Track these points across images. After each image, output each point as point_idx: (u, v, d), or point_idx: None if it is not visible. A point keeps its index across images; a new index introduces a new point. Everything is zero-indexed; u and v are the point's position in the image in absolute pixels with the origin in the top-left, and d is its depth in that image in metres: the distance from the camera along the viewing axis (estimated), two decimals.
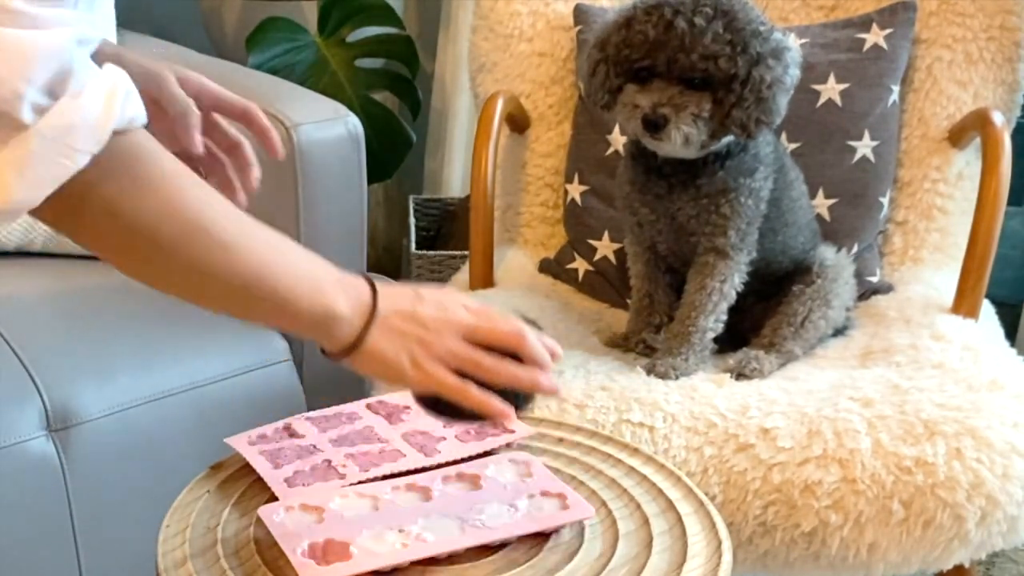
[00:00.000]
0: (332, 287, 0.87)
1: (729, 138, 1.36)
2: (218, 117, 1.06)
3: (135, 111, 0.77)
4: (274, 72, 2.12)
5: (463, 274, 1.70)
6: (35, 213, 0.76)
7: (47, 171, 0.72)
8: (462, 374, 0.90)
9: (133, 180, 0.77)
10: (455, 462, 1.04)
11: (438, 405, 0.92)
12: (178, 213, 0.79)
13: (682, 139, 1.31)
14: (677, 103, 1.30)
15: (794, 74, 1.34)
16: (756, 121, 1.31)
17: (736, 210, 1.38)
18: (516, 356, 0.91)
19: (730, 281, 1.41)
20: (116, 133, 0.75)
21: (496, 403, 0.90)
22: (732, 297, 1.42)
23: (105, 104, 0.73)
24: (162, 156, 0.79)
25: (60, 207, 0.75)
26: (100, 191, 0.76)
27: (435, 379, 0.89)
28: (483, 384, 0.90)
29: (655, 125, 1.30)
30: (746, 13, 1.31)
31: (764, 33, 1.31)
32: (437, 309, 0.90)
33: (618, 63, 1.35)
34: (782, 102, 1.32)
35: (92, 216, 0.77)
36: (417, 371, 0.89)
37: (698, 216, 1.39)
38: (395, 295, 0.90)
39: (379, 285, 0.90)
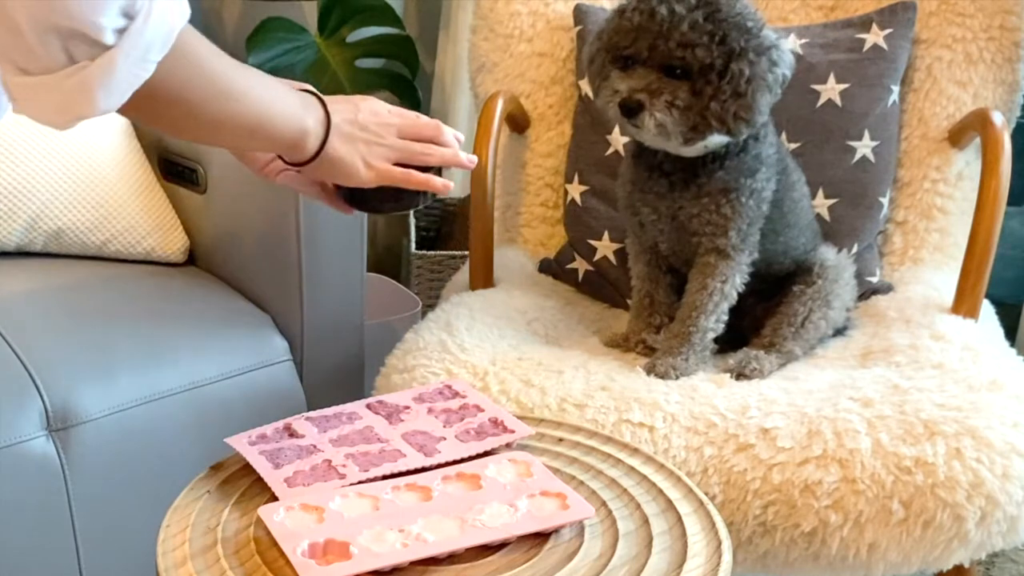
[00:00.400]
0: (303, 109, 1.05)
1: (723, 138, 1.36)
2: None
3: (186, 11, 0.88)
4: (274, 72, 2.11)
5: (463, 274, 1.70)
6: None
7: (126, 82, 0.84)
8: (402, 165, 1.10)
9: (176, 64, 0.89)
10: (455, 462, 1.04)
11: (378, 202, 1.13)
12: (207, 82, 0.94)
13: (656, 126, 1.31)
14: (654, 89, 1.31)
15: (780, 74, 1.33)
16: (734, 116, 1.31)
17: (737, 210, 1.38)
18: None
19: (731, 281, 1.41)
20: None
21: (437, 179, 1.12)
22: (733, 297, 1.42)
23: (169, 18, 0.85)
24: (190, 35, 0.91)
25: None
26: (152, 79, 0.87)
27: (384, 172, 1.10)
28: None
29: (630, 110, 1.31)
30: (731, 7, 1.31)
31: (751, 29, 1.31)
32: (372, 115, 1.10)
33: (609, 51, 1.36)
34: (762, 100, 1.32)
35: (138, 96, 0.87)
36: (369, 169, 1.09)
37: (699, 216, 1.40)
38: (339, 107, 1.08)
39: (326, 99, 1.08)
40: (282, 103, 1.03)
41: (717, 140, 1.36)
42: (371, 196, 1.13)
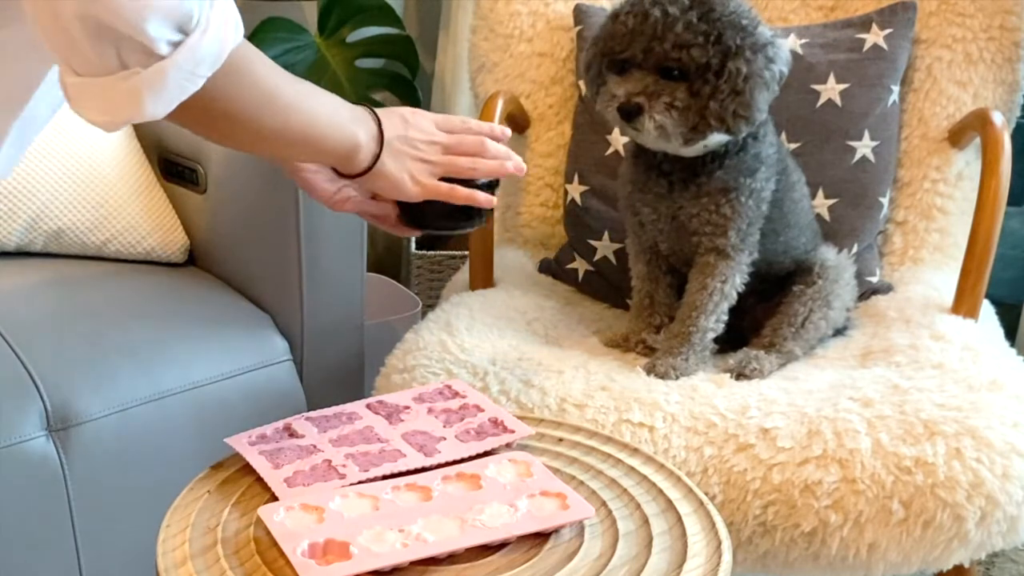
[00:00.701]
0: (355, 123, 1.07)
1: (723, 137, 1.36)
2: None
3: (240, 32, 0.92)
4: None
5: (463, 274, 1.70)
6: None
7: (174, 92, 0.88)
8: (448, 180, 1.13)
9: (226, 78, 0.92)
10: (455, 462, 1.04)
11: (438, 220, 1.16)
12: (257, 95, 0.97)
13: (656, 128, 1.32)
14: (651, 92, 1.31)
15: (777, 71, 1.33)
16: (733, 115, 1.31)
17: (737, 210, 1.38)
18: None
19: (731, 281, 1.41)
20: None
21: (481, 194, 1.14)
22: (733, 298, 1.42)
23: (223, 37, 0.89)
24: (245, 49, 0.94)
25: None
26: (202, 90, 0.90)
27: (431, 188, 1.12)
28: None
29: (629, 114, 1.32)
30: (726, 6, 1.31)
31: (746, 26, 1.31)
32: (422, 132, 1.12)
33: (605, 55, 1.36)
34: (760, 97, 1.32)
35: (189, 106, 0.91)
36: (416, 185, 1.12)
37: (699, 215, 1.40)
38: (392, 122, 1.10)
39: (379, 114, 1.10)
40: (333, 116, 1.06)
41: (717, 139, 1.36)
42: (431, 217, 1.16)
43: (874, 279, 1.64)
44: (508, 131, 1.20)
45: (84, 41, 0.83)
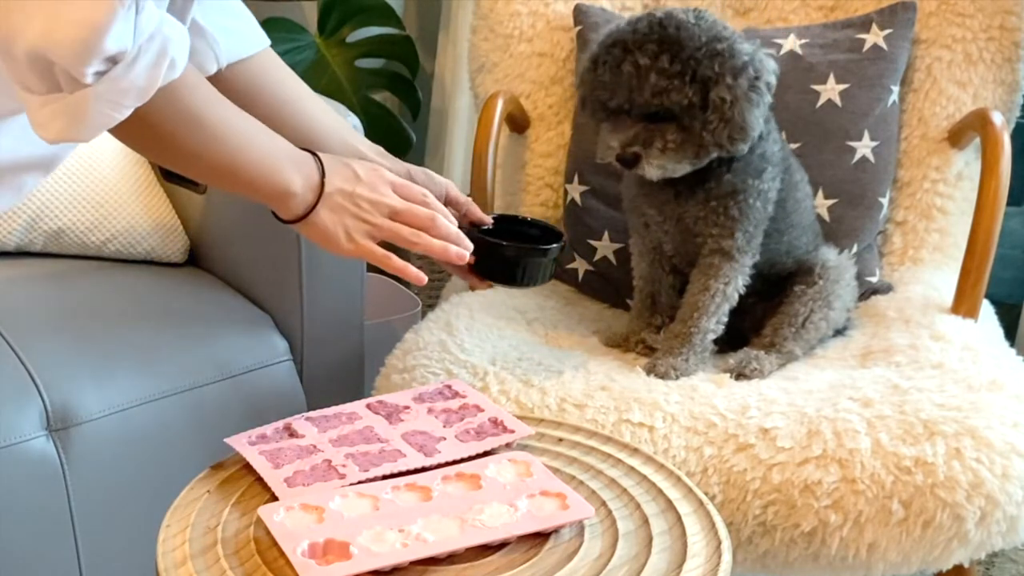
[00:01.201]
0: (292, 170, 1.07)
1: None
2: None
3: (177, 70, 0.92)
4: None
5: None
6: None
7: (97, 120, 0.88)
8: (393, 245, 1.11)
9: (161, 104, 0.93)
10: (455, 462, 1.04)
11: (491, 272, 1.20)
12: (190, 120, 0.98)
13: (657, 171, 1.34)
14: (644, 139, 1.32)
15: (764, 83, 1.33)
16: (729, 139, 1.32)
17: (744, 212, 1.39)
18: None
19: (734, 283, 1.41)
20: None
21: (412, 270, 1.12)
22: (735, 299, 1.43)
23: (152, 73, 0.89)
24: (187, 78, 0.94)
25: None
26: (133, 115, 0.91)
27: (364, 249, 1.10)
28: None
29: (628, 163, 1.33)
30: (694, 40, 1.31)
31: (722, 51, 1.31)
32: (370, 191, 1.10)
33: (594, 102, 1.38)
34: (751, 116, 1.32)
35: (122, 124, 0.92)
36: (350, 243, 1.10)
37: (705, 218, 1.40)
38: (339, 175, 1.09)
39: (326, 164, 1.09)
40: (266, 158, 1.05)
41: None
42: (496, 267, 1.18)
43: (874, 279, 1.64)
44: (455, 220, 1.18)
45: (23, 62, 0.85)
